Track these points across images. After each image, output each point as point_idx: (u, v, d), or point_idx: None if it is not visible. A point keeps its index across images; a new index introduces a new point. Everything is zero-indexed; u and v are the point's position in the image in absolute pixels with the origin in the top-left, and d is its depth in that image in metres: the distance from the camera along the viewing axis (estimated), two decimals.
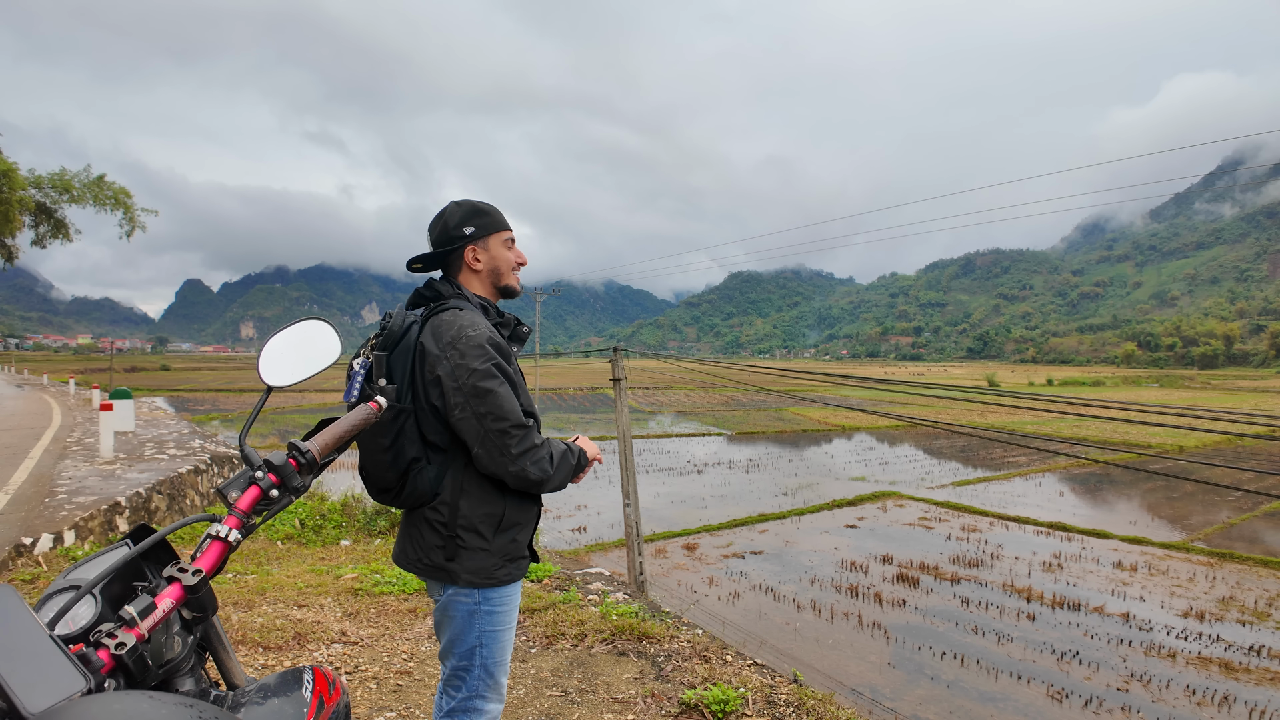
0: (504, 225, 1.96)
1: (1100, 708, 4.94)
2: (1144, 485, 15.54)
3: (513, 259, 1.98)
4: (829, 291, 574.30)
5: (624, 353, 10.70)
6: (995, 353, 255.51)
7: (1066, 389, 65.44)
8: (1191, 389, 68.10)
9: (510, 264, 1.97)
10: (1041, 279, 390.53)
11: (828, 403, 33.85)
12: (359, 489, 10.34)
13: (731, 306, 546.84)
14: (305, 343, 1.40)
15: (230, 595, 4.75)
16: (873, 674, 5.31)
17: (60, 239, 22.53)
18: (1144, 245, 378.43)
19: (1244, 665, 5.88)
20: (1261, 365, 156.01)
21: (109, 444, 8.86)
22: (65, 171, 21.51)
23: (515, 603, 1.94)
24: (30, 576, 4.79)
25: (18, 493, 6.77)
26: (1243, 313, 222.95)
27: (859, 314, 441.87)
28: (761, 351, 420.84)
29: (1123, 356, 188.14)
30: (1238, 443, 21.73)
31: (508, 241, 1.97)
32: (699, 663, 3.99)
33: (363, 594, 4.92)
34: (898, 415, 23.48)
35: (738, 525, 10.76)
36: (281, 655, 3.78)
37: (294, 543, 7.57)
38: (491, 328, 1.82)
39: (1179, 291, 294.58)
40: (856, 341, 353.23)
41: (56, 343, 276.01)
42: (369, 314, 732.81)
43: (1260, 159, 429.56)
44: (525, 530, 1.92)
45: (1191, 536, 10.86)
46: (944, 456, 19.81)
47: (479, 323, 1.78)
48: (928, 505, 12.47)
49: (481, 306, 1.88)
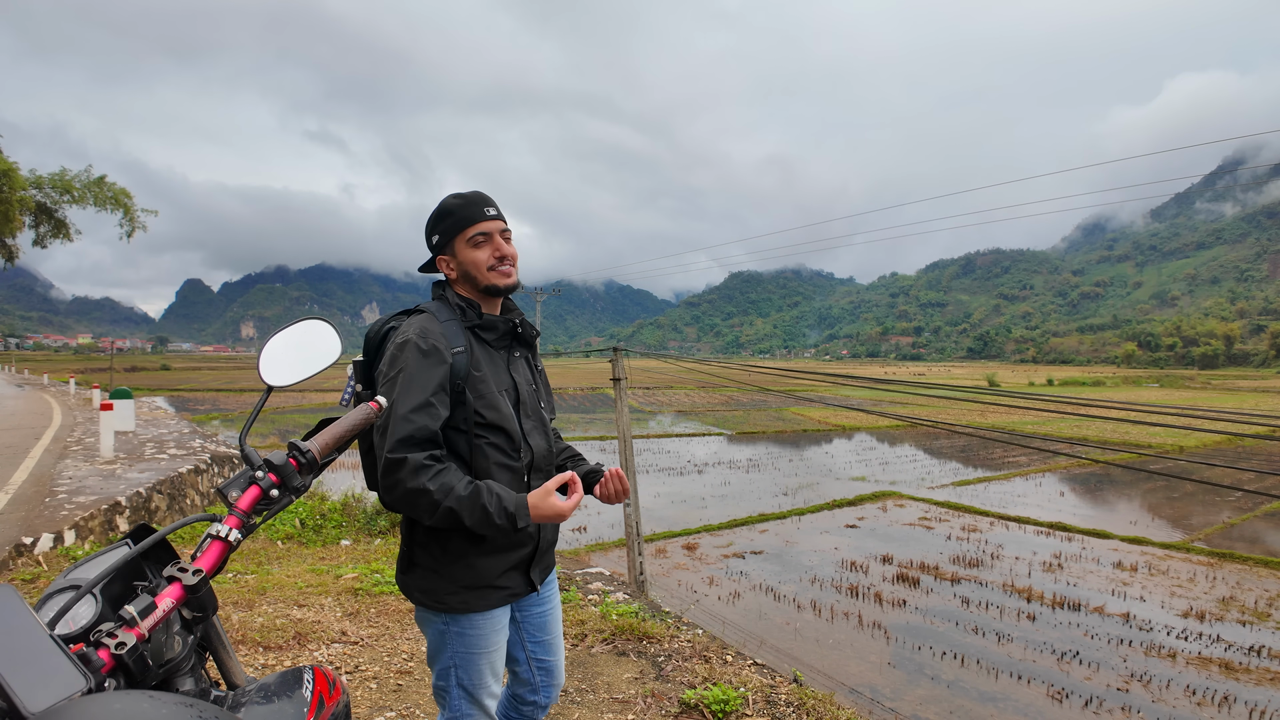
0: (470, 220, 1.74)
1: (1100, 708, 4.94)
2: (1144, 485, 15.53)
3: (486, 257, 1.75)
4: (829, 291, 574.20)
5: (624, 352, 10.70)
6: (995, 353, 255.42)
7: (1067, 389, 65.45)
8: (1192, 389, 68.12)
9: (484, 263, 1.75)
10: (1042, 279, 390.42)
11: (828, 403, 33.85)
12: (359, 489, 10.34)
13: (732, 306, 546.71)
14: (305, 343, 1.40)
15: (230, 595, 4.75)
16: (873, 674, 5.31)
17: (61, 239, 22.55)
18: (1144, 245, 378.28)
19: (1244, 665, 5.88)
20: (1262, 365, 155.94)
21: (109, 444, 8.86)
22: (66, 172, 21.54)
23: (494, 627, 1.79)
24: (30, 576, 4.79)
25: (18, 492, 6.77)
26: (1243, 313, 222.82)
27: (859, 314, 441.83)
28: (762, 351, 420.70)
29: (1123, 356, 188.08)
30: (1238, 443, 21.72)
31: (476, 239, 1.75)
32: (699, 662, 3.99)
33: (363, 594, 4.92)
34: (898, 415, 23.49)
35: (738, 525, 10.76)
36: (282, 655, 3.78)
37: (294, 542, 7.58)
38: (429, 331, 1.67)
39: (1179, 291, 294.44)
40: (857, 341, 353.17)
41: (57, 342, 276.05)
42: (369, 314, 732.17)
43: (1261, 158, 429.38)
44: (490, 561, 1.74)
45: (1192, 536, 10.86)
46: (944, 456, 19.81)
47: (415, 327, 1.68)
48: (928, 505, 12.47)
49: (460, 308, 1.77)
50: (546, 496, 1.63)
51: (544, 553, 1.87)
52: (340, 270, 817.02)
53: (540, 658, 1.96)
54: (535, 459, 1.83)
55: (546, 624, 1.96)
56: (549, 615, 1.97)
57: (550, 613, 1.97)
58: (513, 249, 1.82)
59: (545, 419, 1.91)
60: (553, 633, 1.98)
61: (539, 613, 1.95)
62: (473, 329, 1.77)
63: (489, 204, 1.78)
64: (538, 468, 1.84)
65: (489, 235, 1.76)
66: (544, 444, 1.86)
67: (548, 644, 1.97)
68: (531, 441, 1.82)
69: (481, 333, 1.79)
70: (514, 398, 1.80)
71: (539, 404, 1.90)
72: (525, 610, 1.92)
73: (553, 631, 1.98)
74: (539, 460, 1.84)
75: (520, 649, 1.95)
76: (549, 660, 1.97)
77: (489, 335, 1.80)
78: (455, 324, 1.75)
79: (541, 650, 1.96)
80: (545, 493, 1.63)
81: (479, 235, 1.75)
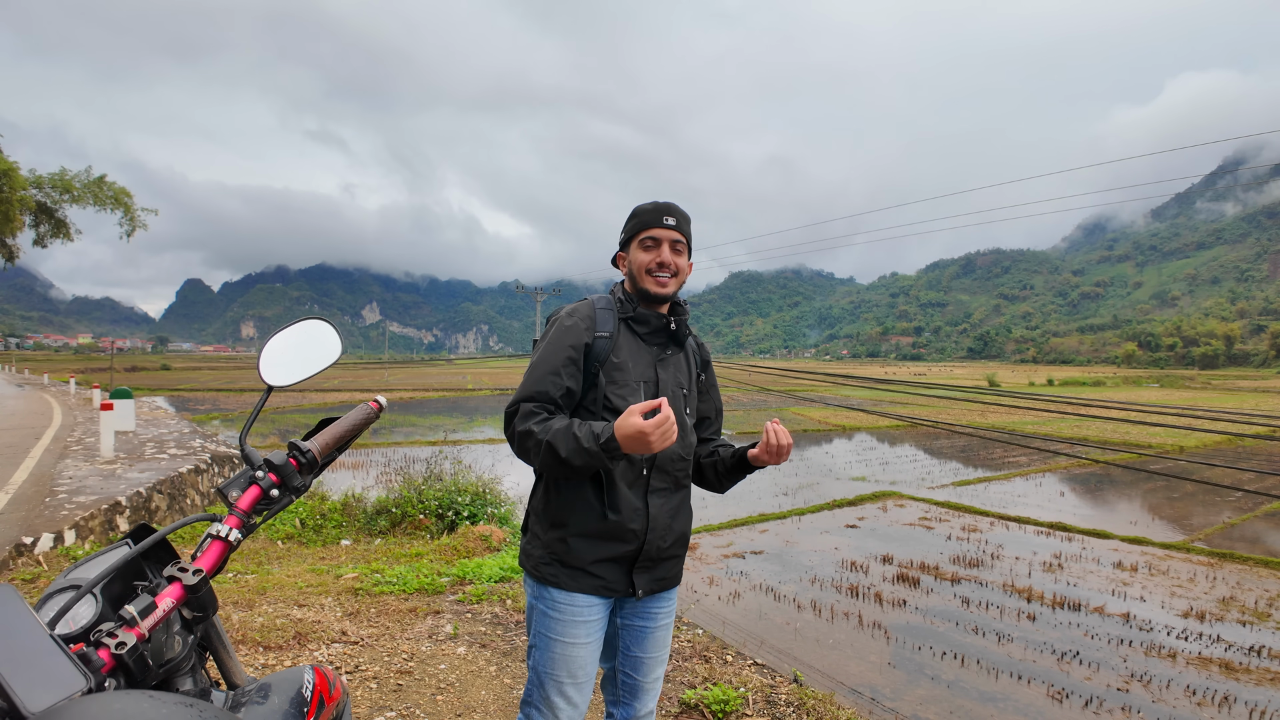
0: (644, 225, 1.83)
1: (1100, 708, 4.94)
2: (1144, 485, 15.53)
3: (645, 261, 1.82)
4: (829, 291, 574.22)
5: None
6: (996, 353, 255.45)
7: (1067, 389, 65.49)
8: (1192, 389, 68.14)
9: (642, 266, 1.82)
10: (1042, 279, 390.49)
11: (828, 403, 33.86)
12: (359, 488, 10.33)
13: (732, 306, 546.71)
14: (306, 342, 1.40)
15: (230, 595, 4.75)
16: (873, 674, 5.31)
17: (61, 238, 22.57)
18: (1145, 245, 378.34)
19: (1244, 665, 5.88)
20: (1262, 365, 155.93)
21: (109, 443, 8.86)
22: (66, 171, 21.56)
23: (581, 617, 1.75)
24: (31, 576, 4.79)
25: (18, 492, 6.77)
26: (1243, 313, 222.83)
27: (859, 314, 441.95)
28: (762, 351, 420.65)
29: (1123, 357, 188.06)
30: (1238, 443, 21.72)
31: (646, 242, 1.82)
32: (699, 662, 3.99)
33: (363, 593, 4.92)
34: (898, 415, 23.50)
35: (738, 525, 10.76)
36: (282, 655, 3.78)
37: (294, 542, 7.58)
38: (577, 311, 1.82)
39: (1179, 291, 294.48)
40: (857, 341, 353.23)
41: (57, 342, 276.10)
42: (369, 314, 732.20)
43: (1262, 158, 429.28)
44: (585, 544, 1.74)
45: (1192, 537, 10.86)
46: (944, 456, 19.81)
47: (569, 307, 1.84)
48: (928, 505, 12.46)
49: (620, 300, 1.86)
50: (629, 418, 1.54)
51: (654, 559, 1.81)
52: (340, 270, 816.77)
53: (627, 671, 1.90)
54: (659, 457, 1.79)
55: (645, 641, 1.89)
56: (650, 633, 1.89)
57: (652, 631, 1.89)
58: (680, 261, 1.84)
59: (686, 423, 1.87)
60: (649, 652, 1.89)
61: (640, 626, 1.88)
62: (626, 320, 1.84)
63: (672, 214, 1.83)
64: (661, 468, 1.81)
65: (658, 241, 1.81)
66: (675, 448, 1.81)
67: (639, 661, 1.89)
68: None
69: (634, 325, 1.85)
70: (652, 392, 1.81)
71: (683, 407, 1.87)
72: (627, 618, 1.88)
73: (649, 650, 1.89)
74: (663, 461, 1.80)
75: (614, 654, 1.92)
76: (635, 678, 1.90)
77: (641, 329, 1.85)
78: (611, 312, 1.84)
79: (630, 665, 1.90)
80: (627, 414, 1.55)
81: (650, 239, 1.82)
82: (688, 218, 1.88)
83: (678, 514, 1.87)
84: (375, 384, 53.49)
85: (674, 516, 1.85)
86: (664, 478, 1.82)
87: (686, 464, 1.88)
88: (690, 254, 1.90)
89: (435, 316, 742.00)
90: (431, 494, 8.73)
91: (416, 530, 8.23)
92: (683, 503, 1.90)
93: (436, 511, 8.49)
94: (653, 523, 1.78)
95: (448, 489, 8.88)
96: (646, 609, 1.88)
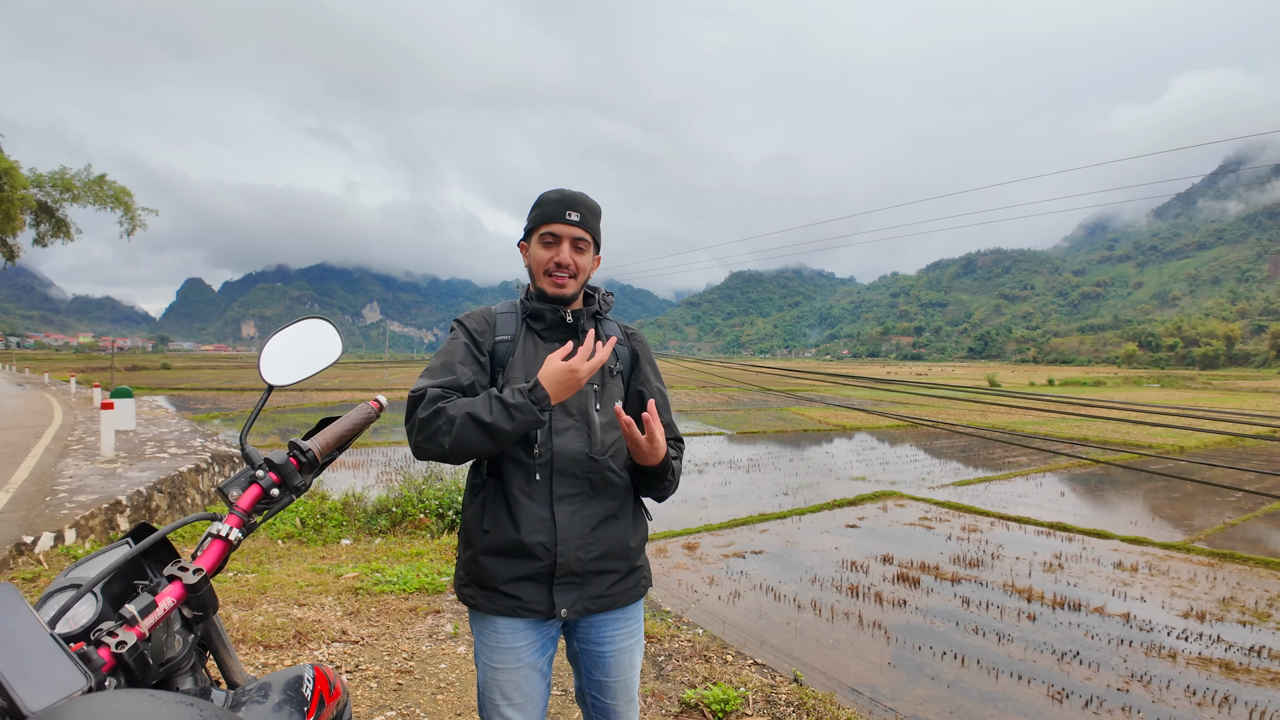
0: (545, 219, 1.67)
1: (1100, 708, 4.94)
2: (1145, 485, 15.52)
3: (543, 260, 1.68)
4: (830, 291, 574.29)
5: None
6: (996, 353, 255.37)
7: (1067, 389, 65.45)
8: (1192, 389, 68.09)
9: (540, 265, 1.69)
10: (1043, 279, 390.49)
11: (829, 402, 33.85)
12: (360, 488, 10.34)
13: (732, 306, 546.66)
14: (306, 342, 1.40)
15: (231, 594, 4.75)
16: (873, 674, 5.31)
17: (61, 238, 22.57)
18: (1145, 245, 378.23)
19: (1244, 666, 5.87)
20: (1262, 366, 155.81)
21: (110, 442, 8.87)
22: (65, 170, 21.57)
23: (504, 644, 1.62)
24: (31, 575, 4.79)
25: (19, 491, 6.77)
26: (1244, 313, 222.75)
27: (860, 314, 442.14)
28: (762, 351, 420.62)
29: (1124, 357, 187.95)
30: (1238, 443, 21.71)
31: (546, 238, 1.67)
32: (699, 662, 3.99)
33: (363, 593, 4.92)
34: (899, 415, 23.48)
35: (738, 525, 10.75)
36: (282, 654, 3.78)
37: (295, 541, 7.58)
38: (474, 314, 1.77)
39: (1180, 292, 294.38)
40: (857, 341, 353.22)
41: (58, 341, 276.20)
42: (370, 313, 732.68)
43: (1264, 158, 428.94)
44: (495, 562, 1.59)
45: (1192, 537, 10.85)
46: (945, 456, 19.80)
47: (469, 314, 1.78)
48: (928, 505, 12.46)
49: (522, 301, 1.79)
50: (550, 362, 1.50)
51: (577, 575, 1.62)
52: (341, 270, 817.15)
53: (595, 695, 1.79)
54: (556, 459, 1.61)
55: (605, 665, 1.74)
56: (609, 657, 1.73)
57: (609, 655, 1.73)
58: (583, 260, 1.70)
59: (594, 420, 1.67)
60: (610, 675, 1.75)
61: (595, 651, 1.74)
62: (525, 320, 1.75)
63: (576, 208, 1.67)
64: (562, 471, 1.62)
65: (559, 239, 1.67)
66: (578, 446, 1.63)
67: (605, 685, 1.76)
68: (556, 440, 1.62)
69: (531, 323, 1.74)
70: None
71: (590, 403, 1.67)
72: (581, 641, 1.75)
73: (610, 674, 1.75)
74: (563, 463, 1.62)
75: (578, 677, 1.84)
76: (604, 702, 1.77)
77: (538, 325, 1.73)
78: (513, 315, 1.75)
79: (594, 688, 1.78)
80: (548, 360, 1.51)
81: (550, 234, 1.67)
82: (596, 210, 1.71)
83: (602, 523, 1.65)
84: (376, 383, 53.49)
85: (595, 526, 1.64)
86: (571, 482, 1.62)
87: (598, 465, 1.65)
88: (598, 249, 1.75)
89: (436, 316, 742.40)
90: (432, 493, 8.74)
91: (417, 530, 8.24)
92: (610, 512, 1.67)
93: (437, 511, 8.50)
94: (563, 533, 1.59)
95: (448, 488, 8.90)
96: (598, 633, 1.72)
